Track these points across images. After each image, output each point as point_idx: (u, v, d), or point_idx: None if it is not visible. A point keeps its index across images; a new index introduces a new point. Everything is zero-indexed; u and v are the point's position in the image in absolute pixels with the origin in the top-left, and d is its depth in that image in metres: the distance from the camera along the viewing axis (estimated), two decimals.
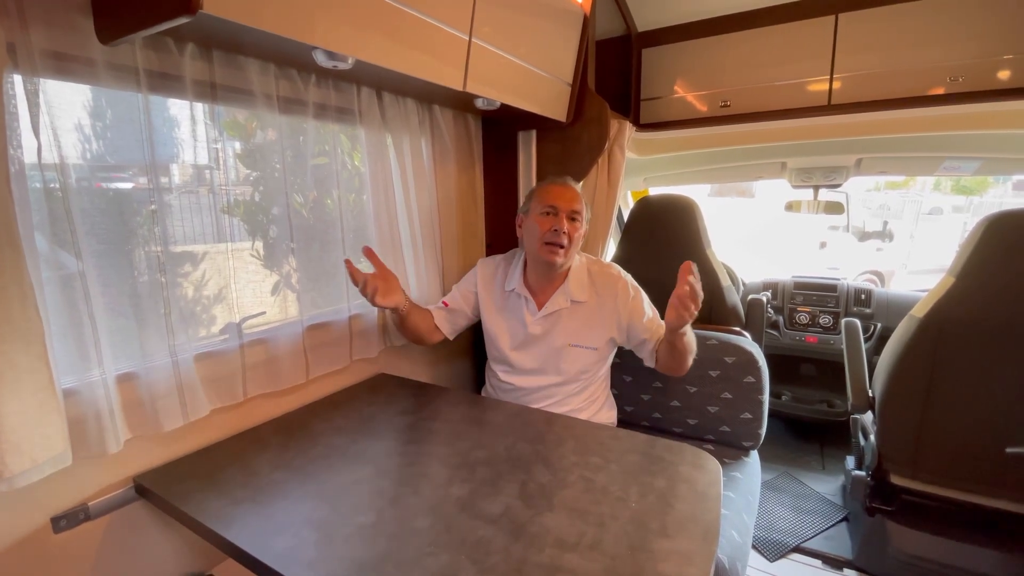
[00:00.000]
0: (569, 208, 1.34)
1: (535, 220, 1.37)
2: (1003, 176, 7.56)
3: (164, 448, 1.01)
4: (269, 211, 1.20)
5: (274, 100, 1.09)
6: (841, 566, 1.76)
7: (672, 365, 1.35)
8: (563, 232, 1.32)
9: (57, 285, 0.84)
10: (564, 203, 1.35)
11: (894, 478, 1.55)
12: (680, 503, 0.84)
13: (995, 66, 1.49)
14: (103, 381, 0.87)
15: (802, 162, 2.23)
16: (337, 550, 0.74)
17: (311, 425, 1.15)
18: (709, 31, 1.85)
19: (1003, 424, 1.37)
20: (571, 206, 1.35)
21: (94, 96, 0.92)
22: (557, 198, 1.35)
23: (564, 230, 1.32)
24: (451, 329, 1.49)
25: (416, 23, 1.02)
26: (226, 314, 1.15)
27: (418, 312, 1.42)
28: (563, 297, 1.40)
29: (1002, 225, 1.36)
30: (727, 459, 1.51)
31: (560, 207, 1.34)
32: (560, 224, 1.32)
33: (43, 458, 0.77)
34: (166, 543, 1.02)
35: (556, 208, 1.34)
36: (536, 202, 1.39)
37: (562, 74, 1.54)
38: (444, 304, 1.48)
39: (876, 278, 5.51)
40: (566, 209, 1.34)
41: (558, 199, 1.35)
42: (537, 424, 1.15)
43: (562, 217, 1.33)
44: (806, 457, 2.55)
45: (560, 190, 1.37)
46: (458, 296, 1.50)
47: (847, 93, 1.67)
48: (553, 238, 1.33)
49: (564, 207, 1.34)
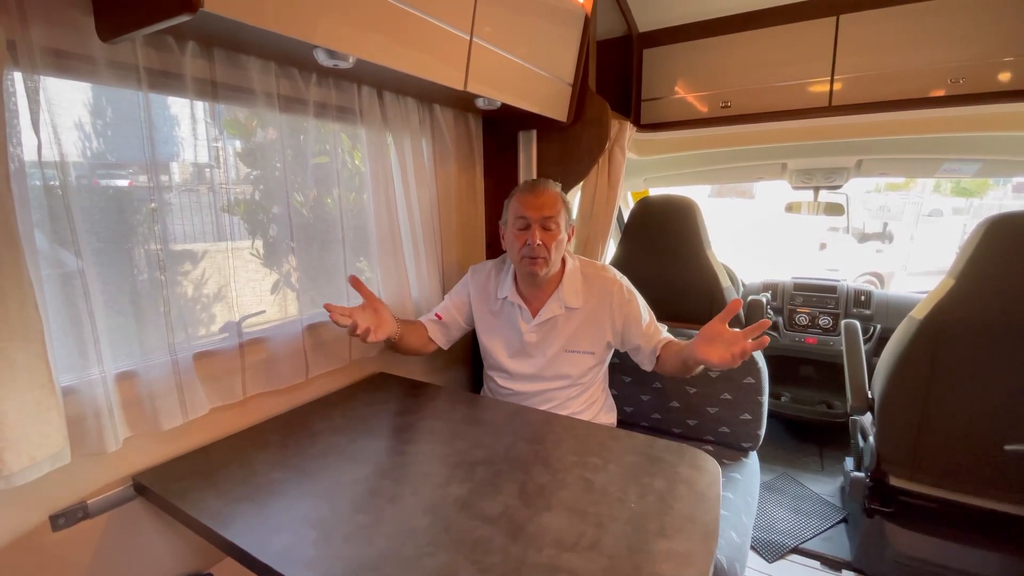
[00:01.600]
0: (540, 216, 1.29)
1: (511, 234, 1.35)
2: (1003, 178, 7.55)
3: (163, 446, 1.01)
4: (269, 210, 1.20)
5: (275, 99, 1.09)
6: (840, 567, 1.76)
7: (677, 376, 1.34)
8: (536, 245, 1.28)
9: (57, 283, 0.84)
10: (534, 212, 1.30)
11: (893, 479, 1.55)
12: (679, 504, 0.84)
13: (996, 68, 1.49)
14: (102, 379, 0.87)
15: (802, 163, 2.23)
16: (336, 549, 0.74)
17: (310, 424, 1.15)
18: (710, 32, 1.85)
19: (1003, 426, 1.37)
20: (542, 213, 1.30)
21: (94, 94, 0.92)
22: (527, 207, 1.31)
23: (537, 243, 1.28)
24: (445, 340, 1.48)
25: (417, 22, 1.02)
26: (226, 313, 1.15)
27: (411, 331, 1.39)
28: (557, 304, 1.38)
29: (1002, 227, 1.36)
30: (726, 460, 1.51)
31: (531, 217, 1.30)
32: (533, 238, 1.28)
33: (42, 456, 0.77)
34: (165, 542, 1.02)
35: (527, 219, 1.30)
36: (509, 214, 1.36)
37: (563, 74, 1.54)
38: (437, 317, 1.46)
39: (876, 279, 5.52)
40: (537, 218, 1.29)
41: (528, 208, 1.31)
42: (536, 424, 1.15)
43: (534, 229, 1.29)
44: (805, 458, 2.55)
45: (529, 199, 1.32)
46: (451, 307, 1.48)
47: (848, 94, 1.67)
48: (528, 252, 1.30)
49: (535, 216, 1.29)
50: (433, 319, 1.47)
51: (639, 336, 1.36)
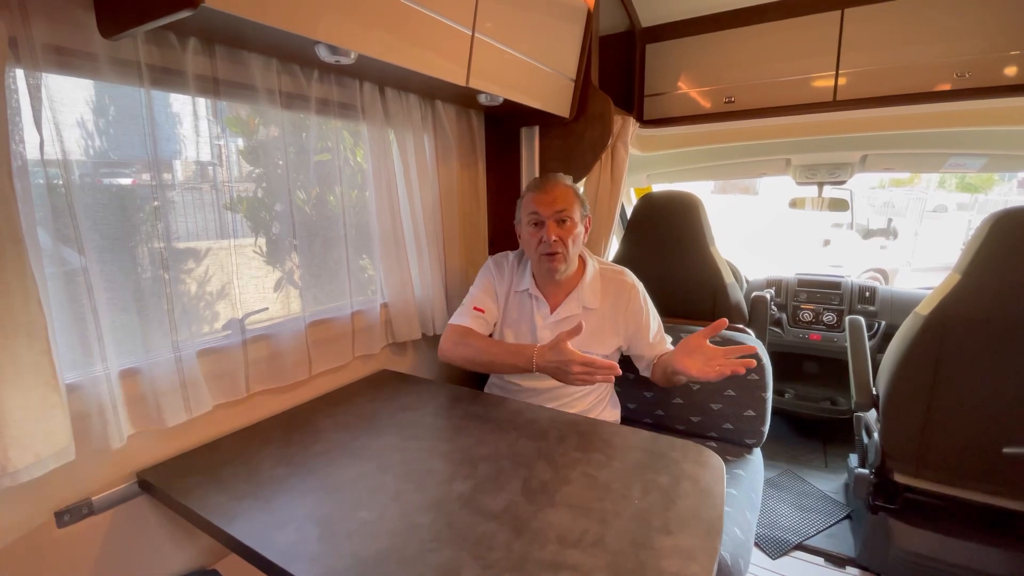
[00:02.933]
0: (553, 211, 1.29)
1: (526, 231, 1.34)
2: (1008, 173, 7.51)
3: (167, 443, 1.01)
4: (272, 207, 1.20)
5: (276, 95, 1.09)
6: (844, 564, 1.76)
7: (664, 385, 1.37)
8: (552, 241, 1.28)
9: (60, 280, 0.84)
10: (547, 208, 1.29)
11: (897, 476, 1.55)
12: (683, 500, 0.84)
13: (1001, 62, 1.48)
14: (106, 376, 0.88)
15: (807, 159, 2.21)
16: (339, 545, 0.74)
17: (314, 421, 1.15)
18: (713, 27, 1.84)
19: (1008, 422, 1.36)
20: (555, 208, 1.29)
21: (96, 91, 0.92)
22: (539, 204, 1.30)
23: (553, 238, 1.28)
24: (485, 331, 1.42)
25: (419, 18, 1.01)
26: (229, 310, 1.15)
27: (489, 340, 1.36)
28: (576, 303, 1.38)
29: (1007, 222, 1.35)
30: (730, 456, 1.50)
31: (544, 213, 1.29)
32: (548, 234, 1.28)
33: (46, 453, 0.77)
34: (169, 538, 1.03)
35: (540, 215, 1.30)
36: (522, 213, 1.35)
37: (565, 70, 1.53)
38: (479, 310, 1.39)
39: (880, 276, 5.50)
40: (550, 214, 1.29)
41: (540, 205, 1.30)
42: (540, 421, 1.15)
43: (549, 225, 1.28)
44: (809, 455, 2.54)
45: (540, 196, 1.31)
46: (485, 299, 1.41)
47: (852, 89, 1.66)
48: (545, 249, 1.29)
49: (548, 212, 1.29)
50: (476, 315, 1.39)
51: (645, 346, 1.37)
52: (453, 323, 1.38)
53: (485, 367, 1.31)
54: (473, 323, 1.37)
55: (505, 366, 1.25)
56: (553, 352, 1.15)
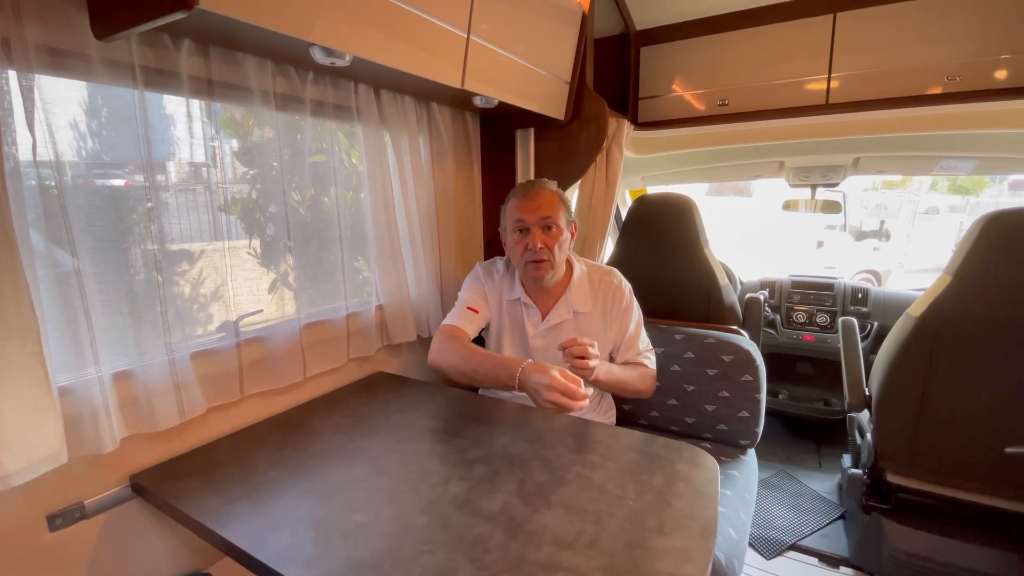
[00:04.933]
0: (538, 218, 1.27)
1: (511, 239, 1.33)
2: (999, 176, 7.58)
3: (160, 446, 1.00)
4: (266, 209, 1.19)
5: (271, 97, 1.09)
6: (837, 564, 1.77)
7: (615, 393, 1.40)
8: (538, 248, 1.27)
9: (53, 283, 0.84)
10: (531, 215, 1.28)
11: (890, 476, 1.56)
12: (678, 501, 0.84)
13: (992, 65, 1.49)
14: (99, 379, 0.87)
15: (800, 161, 2.23)
16: (334, 548, 0.74)
17: (308, 423, 1.15)
18: (707, 30, 1.85)
19: (999, 422, 1.37)
20: (540, 214, 1.28)
21: (90, 92, 0.91)
22: (524, 211, 1.29)
23: (540, 246, 1.27)
24: (475, 331, 1.41)
25: (414, 20, 1.01)
26: (223, 312, 1.15)
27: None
28: (565, 308, 1.38)
29: (999, 224, 1.36)
30: (724, 457, 1.51)
31: (529, 220, 1.28)
32: (534, 242, 1.26)
33: (38, 456, 0.77)
34: (163, 542, 1.02)
35: (525, 222, 1.28)
36: (507, 220, 1.34)
37: (560, 72, 1.53)
38: (473, 311, 1.39)
39: (873, 277, 5.54)
40: (535, 221, 1.27)
41: (525, 212, 1.29)
42: (535, 422, 1.15)
43: (534, 233, 1.27)
44: (803, 455, 2.55)
45: (525, 203, 1.30)
46: (478, 300, 1.41)
47: (845, 92, 1.68)
48: (531, 257, 1.28)
49: (533, 219, 1.28)
50: (469, 314, 1.38)
51: (623, 347, 1.39)
52: (444, 323, 1.37)
53: (468, 377, 1.25)
54: (465, 322, 1.35)
55: (488, 378, 1.21)
56: (537, 373, 1.11)
